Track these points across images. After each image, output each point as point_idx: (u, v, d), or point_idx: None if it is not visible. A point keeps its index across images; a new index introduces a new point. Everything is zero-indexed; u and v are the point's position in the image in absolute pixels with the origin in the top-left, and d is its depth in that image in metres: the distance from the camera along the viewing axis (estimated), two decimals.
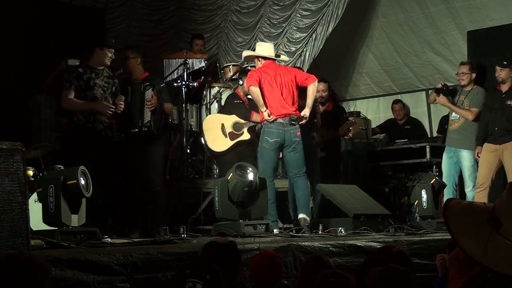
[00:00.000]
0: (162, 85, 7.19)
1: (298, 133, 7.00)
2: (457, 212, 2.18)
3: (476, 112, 7.80)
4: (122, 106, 6.52)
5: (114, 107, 6.46)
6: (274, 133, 6.94)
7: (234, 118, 7.68)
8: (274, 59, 7.23)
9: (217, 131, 7.71)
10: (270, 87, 6.99)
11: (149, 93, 6.88)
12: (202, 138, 8.01)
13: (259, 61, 7.19)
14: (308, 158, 7.69)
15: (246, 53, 7.59)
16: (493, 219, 2.11)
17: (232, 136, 7.64)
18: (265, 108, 6.90)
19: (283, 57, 7.65)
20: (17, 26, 8.35)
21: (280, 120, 6.93)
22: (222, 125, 7.73)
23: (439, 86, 7.97)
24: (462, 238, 2.13)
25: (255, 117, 7.55)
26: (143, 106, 6.85)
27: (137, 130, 6.83)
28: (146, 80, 6.96)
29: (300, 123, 6.99)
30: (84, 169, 5.37)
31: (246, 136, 7.61)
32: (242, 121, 7.64)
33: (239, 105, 7.71)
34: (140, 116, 6.84)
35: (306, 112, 6.98)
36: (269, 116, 6.89)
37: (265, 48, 7.25)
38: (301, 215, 6.90)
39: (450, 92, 7.98)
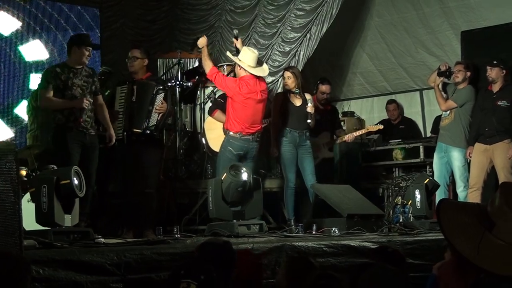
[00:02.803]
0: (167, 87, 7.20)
1: (258, 147, 7.33)
2: (450, 213, 2.18)
3: (449, 104, 7.82)
4: (88, 104, 6.37)
5: (91, 102, 6.36)
6: (239, 146, 7.18)
7: None
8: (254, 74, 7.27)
9: (219, 131, 7.69)
10: (248, 106, 7.17)
11: (160, 98, 6.87)
12: (203, 138, 8.00)
13: (239, 68, 7.25)
14: (303, 158, 7.69)
15: (229, 54, 7.72)
16: (486, 220, 2.11)
17: None
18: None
19: (264, 69, 7.58)
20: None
21: (247, 136, 7.18)
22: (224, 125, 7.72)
23: (443, 68, 7.94)
24: (455, 238, 2.13)
25: (218, 114, 7.64)
26: (152, 109, 6.83)
27: (140, 131, 6.77)
28: (158, 82, 6.96)
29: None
30: (78, 169, 5.36)
31: None
32: None
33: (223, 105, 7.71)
34: (146, 118, 6.80)
35: None
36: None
37: (249, 58, 7.25)
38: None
39: (449, 76, 7.95)
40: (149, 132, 6.76)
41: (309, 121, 7.71)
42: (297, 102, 7.79)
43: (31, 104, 7.76)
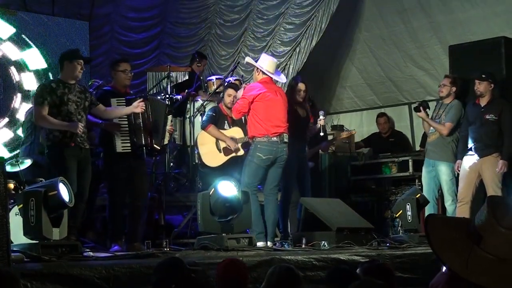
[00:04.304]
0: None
1: (287, 151, 7.06)
2: (438, 227, 2.19)
3: (449, 126, 7.82)
4: (82, 128, 6.22)
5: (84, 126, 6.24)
6: (268, 150, 6.96)
7: (229, 133, 7.62)
8: (272, 78, 7.21)
9: (211, 146, 7.61)
10: (271, 105, 7.01)
11: (170, 118, 7.06)
12: (195, 152, 7.94)
13: (258, 73, 7.18)
14: (302, 170, 7.67)
15: (248, 59, 7.57)
16: (474, 233, 2.12)
17: (226, 151, 7.54)
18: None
19: (282, 77, 7.62)
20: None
21: (274, 138, 6.98)
22: (217, 139, 7.68)
23: (416, 105, 8.12)
24: (444, 253, 2.13)
25: (211, 129, 7.53)
26: (165, 128, 6.94)
27: (159, 148, 6.90)
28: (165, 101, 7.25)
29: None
30: (64, 179, 5.31)
31: (241, 152, 7.52)
32: (237, 136, 7.57)
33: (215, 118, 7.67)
34: (162, 135, 6.91)
35: None
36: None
37: (268, 64, 7.18)
38: (269, 243, 6.76)
39: (427, 106, 8.03)
40: (161, 149, 6.98)
41: (322, 134, 7.76)
42: (301, 114, 7.78)
43: (32, 119, 7.68)
